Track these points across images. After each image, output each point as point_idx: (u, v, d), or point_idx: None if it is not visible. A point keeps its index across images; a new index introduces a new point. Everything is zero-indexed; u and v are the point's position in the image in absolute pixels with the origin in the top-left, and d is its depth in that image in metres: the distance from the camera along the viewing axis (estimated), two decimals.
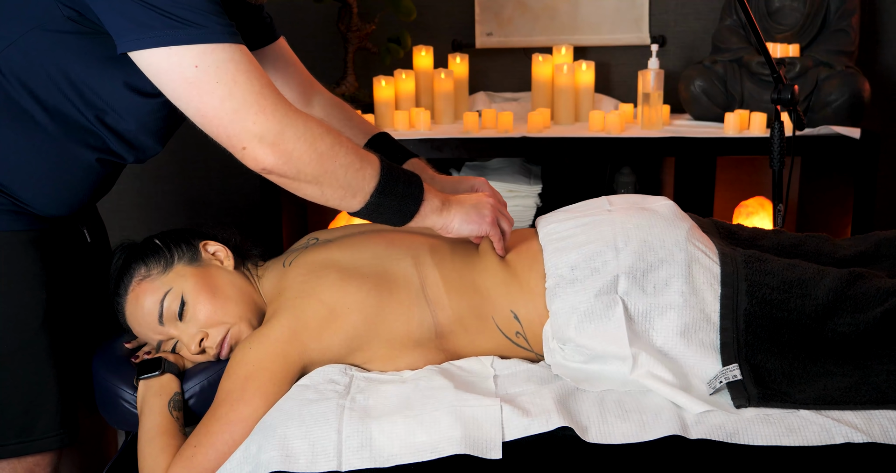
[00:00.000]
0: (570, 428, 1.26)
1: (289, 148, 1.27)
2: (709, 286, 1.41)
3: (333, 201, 1.35)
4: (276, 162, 1.28)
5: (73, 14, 1.31)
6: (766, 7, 2.78)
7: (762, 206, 2.82)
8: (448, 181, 1.65)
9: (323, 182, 1.32)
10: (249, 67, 1.27)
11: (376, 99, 2.74)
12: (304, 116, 1.30)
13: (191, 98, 1.25)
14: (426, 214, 1.42)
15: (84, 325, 1.60)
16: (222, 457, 1.33)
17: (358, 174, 1.34)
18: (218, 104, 1.24)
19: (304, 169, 1.29)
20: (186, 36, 1.23)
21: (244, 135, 1.26)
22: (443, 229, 1.46)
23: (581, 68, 2.77)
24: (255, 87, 1.26)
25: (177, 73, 1.24)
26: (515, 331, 1.47)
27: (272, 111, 1.26)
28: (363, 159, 1.35)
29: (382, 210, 1.38)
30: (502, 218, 1.51)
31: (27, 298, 1.46)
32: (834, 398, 1.29)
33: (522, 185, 2.81)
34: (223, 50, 1.25)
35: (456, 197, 1.48)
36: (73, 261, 1.58)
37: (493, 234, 1.49)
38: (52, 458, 1.51)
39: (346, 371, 1.43)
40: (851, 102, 2.56)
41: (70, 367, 1.52)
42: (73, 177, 1.46)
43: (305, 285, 1.48)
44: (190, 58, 1.23)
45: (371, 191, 1.35)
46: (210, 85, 1.24)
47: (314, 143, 1.29)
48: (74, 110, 1.40)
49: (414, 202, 1.40)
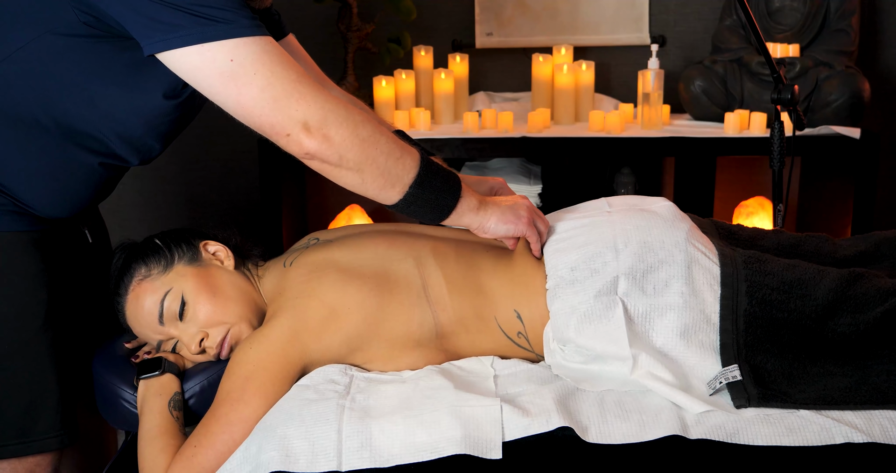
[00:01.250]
0: (570, 428, 1.26)
1: (332, 133, 1.28)
2: (708, 287, 1.41)
3: (373, 190, 1.35)
4: (319, 147, 1.28)
5: (90, 19, 1.31)
6: (766, 7, 2.78)
7: (762, 206, 2.82)
8: (467, 180, 1.63)
9: (364, 169, 1.32)
10: (283, 57, 1.28)
11: (376, 99, 2.74)
12: (344, 103, 1.31)
13: (229, 92, 1.26)
14: (463, 211, 1.42)
15: (85, 325, 1.60)
16: (222, 457, 1.33)
17: (398, 163, 1.34)
18: (258, 94, 1.25)
19: (347, 154, 1.30)
20: (216, 32, 1.23)
21: (287, 122, 1.27)
22: (479, 229, 1.45)
23: (581, 68, 2.77)
24: (291, 75, 1.27)
25: (212, 69, 1.25)
26: (517, 331, 1.48)
27: (313, 98, 1.28)
28: (403, 149, 1.35)
29: (420, 203, 1.38)
30: (539, 219, 1.50)
31: (28, 298, 1.46)
32: (834, 399, 1.29)
33: (522, 185, 2.81)
34: (255, 42, 1.26)
35: (493, 198, 1.48)
36: (74, 262, 1.58)
37: (530, 234, 1.48)
38: (52, 458, 1.51)
39: (346, 371, 1.43)
40: (851, 102, 2.56)
41: (70, 367, 1.52)
42: (75, 180, 1.46)
43: (306, 285, 1.48)
44: (224, 53, 1.24)
45: (410, 182, 1.35)
46: (248, 77, 1.25)
47: (356, 129, 1.30)
48: (82, 114, 1.39)
49: (452, 197, 1.40)
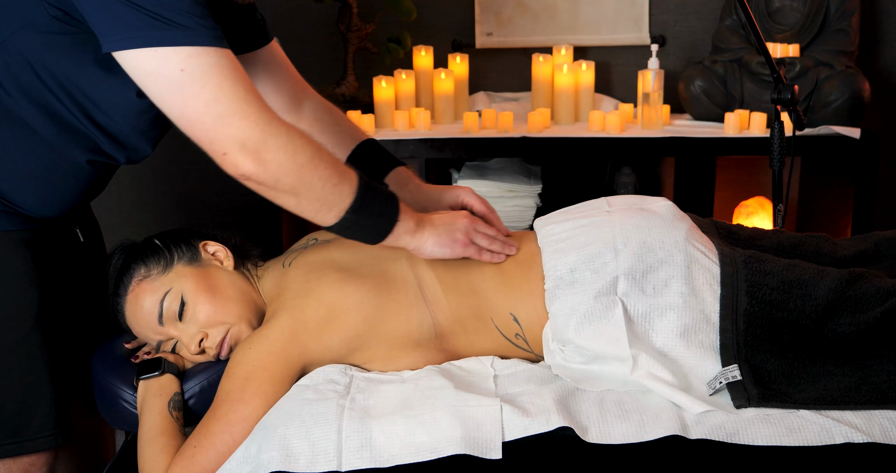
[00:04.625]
0: (570, 428, 1.26)
1: (269, 157, 1.26)
2: (708, 287, 1.41)
3: (309, 213, 1.34)
4: (255, 170, 1.27)
5: (59, 13, 1.31)
6: (766, 7, 2.78)
7: (762, 206, 2.82)
8: (434, 191, 1.63)
9: (300, 194, 1.31)
10: (235, 73, 1.26)
11: (376, 99, 2.74)
12: (287, 126, 1.29)
13: (175, 101, 1.24)
14: (399, 235, 1.41)
15: (78, 324, 1.60)
16: (222, 457, 1.33)
17: (336, 189, 1.33)
18: (203, 108, 1.23)
19: (283, 179, 1.28)
20: (172, 37, 1.21)
21: (226, 140, 1.25)
22: (416, 251, 1.45)
23: (581, 68, 2.77)
24: (240, 93, 1.25)
25: (161, 75, 1.23)
26: (515, 333, 1.47)
27: (256, 119, 1.26)
28: (342, 175, 1.34)
29: (357, 227, 1.38)
30: (478, 235, 1.49)
31: (19, 298, 1.46)
32: (834, 399, 1.29)
33: (522, 185, 2.81)
34: (209, 54, 1.23)
35: (430, 218, 1.46)
36: (66, 261, 1.57)
37: (469, 254, 1.48)
38: (47, 458, 1.51)
39: (346, 371, 1.43)
40: (851, 102, 2.56)
41: (64, 367, 1.52)
42: (64, 178, 1.46)
43: (305, 285, 1.48)
44: (176, 60, 1.22)
45: (347, 207, 1.34)
46: (195, 89, 1.23)
47: (295, 154, 1.28)
48: (65, 111, 1.39)
49: (388, 222, 1.39)
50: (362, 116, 2.69)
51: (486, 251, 1.49)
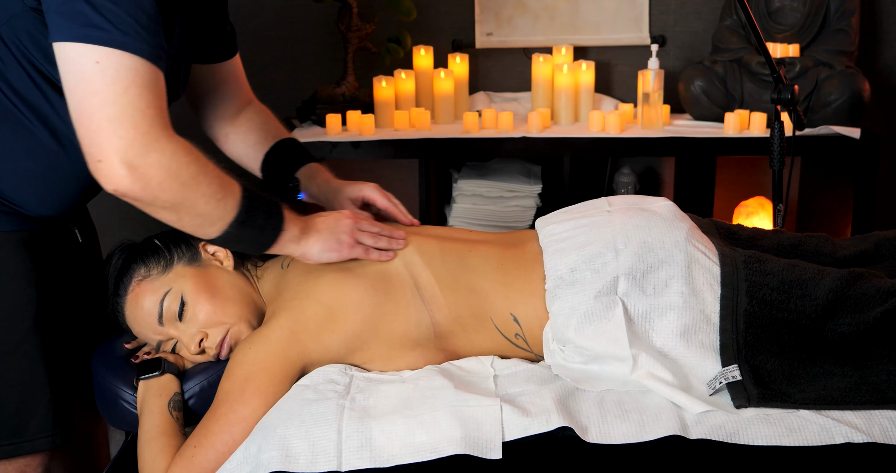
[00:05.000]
0: (570, 428, 1.26)
1: (150, 173, 1.24)
2: (708, 287, 1.41)
3: (189, 228, 1.34)
4: (131, 186, 1.24)
5: (34, 3, 1.31)
6: (766, 7, 2.78)
7: (762, 206, 2.82)
8: (338, 184, 1.66)
9: (180, 210, 1.30)
10: (149, 87, 1.24)
11: (376, 99, 2.74)
12: (174, 145, 1.26)
13: (78, 91, 1.22)
14: (284, 243, 1.43)
15: (77, 325, 1.60)
16: (222, 457, 1.33)
17: (219, 205, 1.33)
18: (98, 105, 1.21)
19: (162, 196, 1.27)
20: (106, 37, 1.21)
21: (106, 146, 1.22)
22: (302, 258, 1.47)
23: (581, 68, 2.77)
24: (141, 105, 1.23)
25: (79, 63, 1.21)
26: (514, 333, 1.47)
27: (144, 132, 1.23)
28: (225, 190, 1.33)
29: (239, 240, 1.38)
30: (363, 234, 1.50)
31: (18, 298, 1.46)
32: (834, 398, 1.29)
33: (522, 185, 2.81)
34: (131, 60, 1.22)
35: (315, 223, 1.47)
36: (64, 261, 1.57)
37: (357, 255, 1.49)
38: (43, 458, 1.51)
39: (346, 371, 1.43)
40: (851, 102, 2.56)
41: (62, 367, 1.52)
42: (64, 178, 1.46)
43: (303, 285, 1.48)
44: (96, 54, 1.21)
45: (230, 221, 1.35)
46: (101, 85, 1.21)
47: (177, 171, 1.26)
48: (51, 109, 1.40)
49: (272, 232, 1.40)
50: (362, 116, 2.69)
51: (374, 250, 1.50)
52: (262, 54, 3.02)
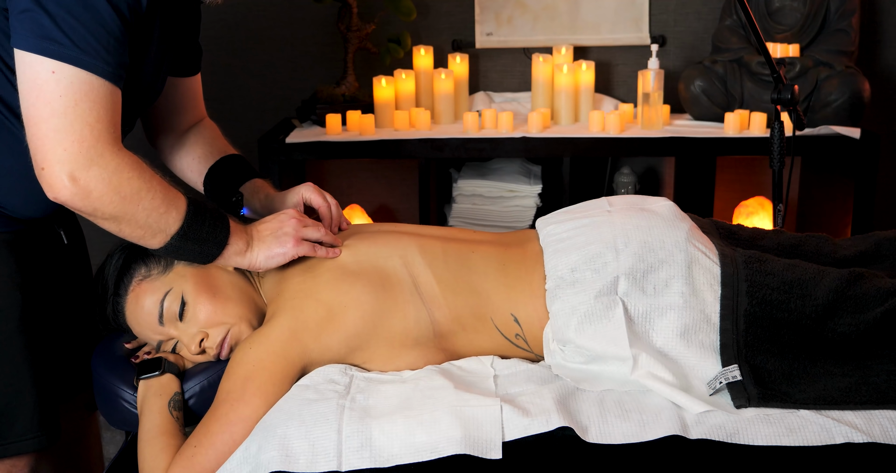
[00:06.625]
0: (570, 428, 1.26)
1: (90, 186, 1.26)
2: (709, 287, 1.41)
3: (132, 238, 1.36)
4: (72, 197, 1.26)
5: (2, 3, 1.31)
6: (766, 7, 2.78)
7: (762, 206, 2.82)
8: (281, 196, 1.66)
9: (121, 222, 1.32)
10: (100, 99, 1.26)
11: (376, 99, 2.74)
12: (119, 160, 1.28)
13: (29, 98, 1.24)
14: (229, 256, 1.45)
15: (62, 327, 1.60)
16: (222, 457, 1.33)
17: (162, 218, 1.34)
18: (47, 114, 1.23)
19: (102, 208, 1.29)
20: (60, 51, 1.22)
21: (51, 156, 1.24)
22: (250, 268, 1.48)
23: (581, 68, 2.77)
24: (90, 119, 1.25)
25: (34, 70, 1.23)
26: (515, 333, 1.47)
27: (90, 146, 1.25)
28: (169, 203, 1.35)
29: (183, 251, 1.40)
30: (307, 230, 1.50)
31: (2, 300, 1.46)
32: (834, 398, 1.29)
33: (522, 185, 2.81)
34: (87, 75, 1.24)
35: (259, 232, 1.48)
36: (49, 263, 1.57)
37: (304, 252, 1.49)
38: (29, 460, 1.51)
39: (346, 371, 1.43)
40: (851, 102, 2.56)
41: (48, 369, 1.52)
42: None
43: (303, 285, 1.48)
44: (52, 65, 1.23)
45: (173, 234, 1.36)
46: (52, 94, 1.23)
47: (118, 186, 1.28)
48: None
49: (216, 246, 1.42)
50: (362, 116, 2.70)
51: (321, 247, 1.50)
52: (262, 54, 3.02)
